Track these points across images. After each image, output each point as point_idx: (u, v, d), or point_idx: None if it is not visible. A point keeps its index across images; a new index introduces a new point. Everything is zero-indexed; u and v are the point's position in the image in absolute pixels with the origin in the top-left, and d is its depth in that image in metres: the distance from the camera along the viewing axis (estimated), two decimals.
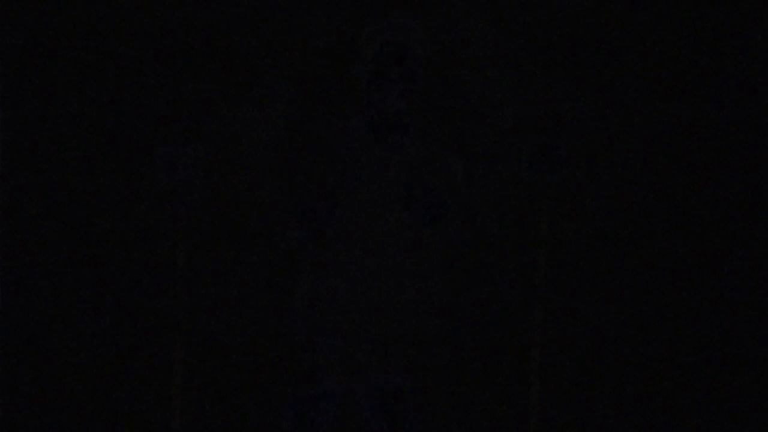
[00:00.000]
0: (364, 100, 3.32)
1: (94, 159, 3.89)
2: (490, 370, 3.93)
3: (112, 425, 3.92)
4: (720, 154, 3.92)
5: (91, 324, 3.92)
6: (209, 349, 3.90)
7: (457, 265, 3.44)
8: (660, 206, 3.94)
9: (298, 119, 3.93)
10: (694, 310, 3.94)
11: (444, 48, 3.88)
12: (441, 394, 3.92)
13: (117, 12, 3.87)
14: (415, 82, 3.36)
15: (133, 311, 3.91)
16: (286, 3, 3.93)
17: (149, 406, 3.91)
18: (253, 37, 3.92)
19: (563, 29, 3.91)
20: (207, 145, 3.83)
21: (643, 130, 3.93)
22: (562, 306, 3.93)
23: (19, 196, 3.89)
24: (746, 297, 3.93)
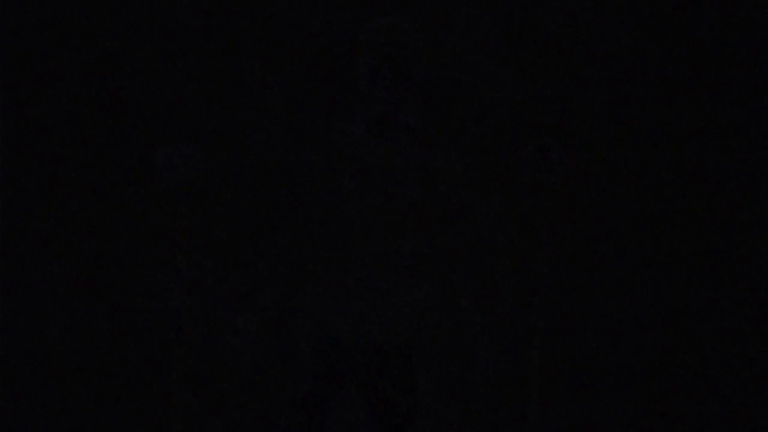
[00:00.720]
0: (363, 100, 3.32)
1: (94, 159, 3.89)
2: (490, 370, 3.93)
3: (113, 425, 3.92)
4: (720, 154, 3.92)
5: (91, 324, 3.92)
6: (209, 349, 3.90)
7: (457, 265, 3.44)
8: (659, 206, 3.94)
9: (298, 119, 3.93)
10: (694, 309, 3.94)
11: (444, 48, 3.88)
12: (440, 394, 3.92)
13: (117, 12, 3.87)
14: (414, 81, 3.36)
15: (133, 311, 3.91)
16: (285, 3, 3.93)
17: (149, 406, 3.91)
18: (253, 36, 3.92)
19: (563, 29, 3.91)
20: (207, 145, 3.83)
21: (642, 130, 3.93)
22: (562, 306, 3.93)
23: (19, 196, 3.89)
24: (746, 297, 3.93)
